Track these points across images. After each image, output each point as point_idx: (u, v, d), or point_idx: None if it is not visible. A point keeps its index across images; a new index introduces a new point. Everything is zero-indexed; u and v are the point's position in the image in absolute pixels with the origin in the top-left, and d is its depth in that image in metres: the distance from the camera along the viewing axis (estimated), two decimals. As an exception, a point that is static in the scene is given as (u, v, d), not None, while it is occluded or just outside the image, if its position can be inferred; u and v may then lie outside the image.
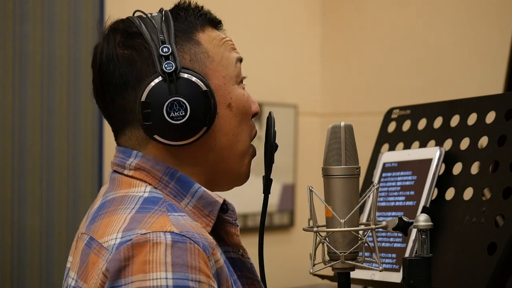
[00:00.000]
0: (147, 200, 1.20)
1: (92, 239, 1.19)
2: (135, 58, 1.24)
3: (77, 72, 2.63)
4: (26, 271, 2.49)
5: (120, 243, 1.12)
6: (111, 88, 1.25)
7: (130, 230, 1.13)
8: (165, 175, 1.24)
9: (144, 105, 1.21)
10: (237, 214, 1.30)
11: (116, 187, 1.26)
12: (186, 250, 1.11)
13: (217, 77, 1.27)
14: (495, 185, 1.34)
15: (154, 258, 1.10)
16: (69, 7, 2.63)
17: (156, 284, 1.08)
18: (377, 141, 1.67)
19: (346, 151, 1.21)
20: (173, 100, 1.21)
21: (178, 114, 1.21)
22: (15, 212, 2.47)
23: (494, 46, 3.24)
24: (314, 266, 1.22)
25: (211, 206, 1.25)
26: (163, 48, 1.22)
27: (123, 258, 1.10)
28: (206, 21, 1.30)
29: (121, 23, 1.28)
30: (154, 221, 1.14)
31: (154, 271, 1.09)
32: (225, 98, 1.27)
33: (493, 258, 1.27)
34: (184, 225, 1.15)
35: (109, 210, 1.21)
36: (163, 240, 1.11)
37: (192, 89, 1.22)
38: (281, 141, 1.53)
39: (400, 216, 1.25)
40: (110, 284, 1.10)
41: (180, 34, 1.26)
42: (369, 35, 3.71)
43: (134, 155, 1.26)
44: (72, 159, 2.62)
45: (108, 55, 1.26)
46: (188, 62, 1.25)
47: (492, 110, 1.42)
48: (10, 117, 2.48)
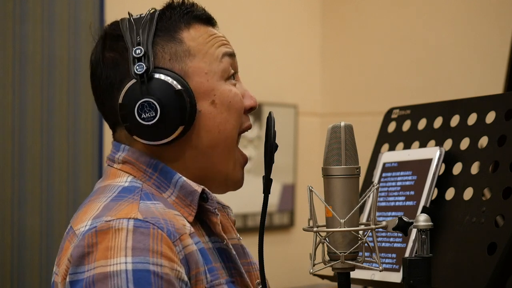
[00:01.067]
0: (124, 189, 1.23)
1: (70, 227, 1.22)
2: (118, 61, 1.26)
3: (77, 72, 2.63)
4: (26, 271, 2.49)
5: (86, 230, 1.15)
6: (100, 91, 1.29)
7: (98, 217, 1.16)
8: (148, 167, 1.27)
9: (120, 107, 1.24)
10: (232, 212, 1.30)
11: (105, 179, 1.29)
12: (149, 235, 1.13)
13: (198, 75, 1.27)
14: (495, 185, 1.34)
15: (116, 244, 1.12)
16: (69, 7, 2.63)
17: (116, 269, 1.10)
18: (377, 141, 1.67)
19: (346, 151, 1.21)
20: (144, 101, 1.22)
21: (149, 115, 1.22)
22: (15, 212, 2.47)
23: (494, 46, 3.24)
24: (314, 266, 1.22)
25: (191, 196, 1.26)
26: (136, 50, 1.23)
27: (86, 245, 1.13)
28: (192, 19, 1.30)
29: (109, 26, 1.31)
30: (122, 209, 1.17)
31: (115, 256, 1.11)
32: (208, 95, 1.27)
33: (493, 258, 1.27)
34: (152, 212, 1.17)
35: (91, 199, 1.25)
36: (125, 226, 1.13)
37: (164, 89, 1.23)
38: (281, 141, 1.53)
39: (400, 216, 1.25)
40: (73, 269, 1.13)
41: (162, 33, 1.27)
42: (369, 35, 3.71)
43: (122, 149, 1.29)
44: (72, 159, 2.62)
45: (96, 59, 1.29)
46: (168, 62, 1.26)
47: (492, 110, 1.42)
48: (10, 117, 2.47)
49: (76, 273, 1.13)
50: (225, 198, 1.40)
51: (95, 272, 1.11)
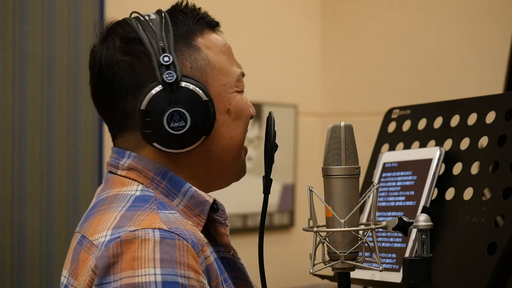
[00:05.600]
0: (138, 198, 1.21)
1: (83, 237, 1.20)
2: (136, 65, 1.24)
3: (77, 72, 2.63)
4: (26, 271, 2.49)
5: (109, 240, 1.13)
6: (111, 94, 1.26)
7: (119, 227, 1.15)
8: (156, 175, 1.25)
9: (144, 113, 1.21)
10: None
11: (110, 187, 1.27)
12: (175, 246, 1.12)
13: (217, 85, 1.27)
14: (495, 185, 1.34)
15: (143, 254, 1.11)
16: (69, 7, 2.63)
17: (145, 280, 1.09)
18: (377, 141, 1.67)
19: (346, 151, 1.21)
20: (174, 110, 1.21)
21: (179, 124, 1.21)
22: (15, 212, 2.47)
23: (494, 46, 3.24)
24: (314, 266, 1.22)
25: (202, 206, 1.25)
26: (164, 57, 1.21)
27: (112, 255, 1.11)
28: (204, 25, 1.29)
29: (119, 26, 1.28)
30: (143, 219, 1.15)
31: (143, 267, 1.10)
32: (225, 104, 1.27)
33: (493, 258, 1.27)
34: (174, 222, 1.16)
35: (101, 208, 1.23)
36: (152, 236, 1.12)
37: (192, 99, 1.22)
38: (281, 141, 1.53)
39: (400, 216, 1.25)
40: (99, 280, 1.11)
41: (179, 39, 1.25)
42: (369, 35, 3.71)
43: (127, 156, 1.27)
44: (72, 159, 2.62)
45: (108, 60, 1.25)
46: (189, 70, 1.25)
47: (492, 110, 1.42)
48: (10, 117, 2.48)
49: (102, 284, 1.11)
50: (225, 198, 1.40)
51: (122, 283, 1.09)
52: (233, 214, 3.26)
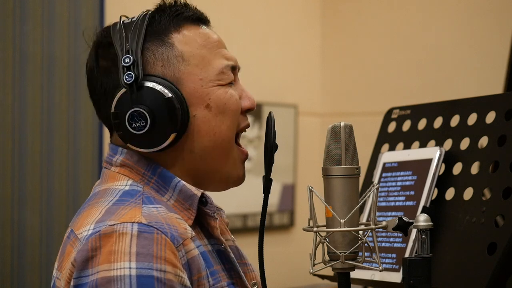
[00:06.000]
0: (125, 193, 1.23)
1: (72, 231, 1.21)
2: (111, 69, 1.26)
3: (77, 72, 2.63)
4: (26, 271, 2.49)
5: (90, 234, 1.15)
6: (96, 97, 1.29)
7: (101, 221, 1.16)
8: (147, 171, 1.26)
9: (113, 115, 1.24)
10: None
11: (103, 182, 1.29)
12: (152, 240, 1.13)
13: (192, 80, 1.26)
14: (495, 185, 1.34)
15: (119, 248, 1.12)
16: (69, 7, 2.63)
17: (120, 274, 1.10)
18: (377, 141, 1.67)
19: (346, 151, 1.21)
20: (134, 111, 1.22)
21: (140, 124, 1.22)
22: (15, 212, 2.47)
23: (494, 46, 3.24)
24: (314, 266, 1.22)
25: (191, 200, 1.26)
26: (125, 59, 1.23)
27: (90, 249, 1.13)
28: (182, 20, 1.28)
29: (100, 33, 1.31)
30: (125, 213, 1.16)
31: (119, 261, 1.11)
32: (203, 99, 1.26)
33: (493, 258, 1.27)
34: (156, 216, 1.17)
35: (91, 203, 1.24)
36: (129, 230, 1.13)
37: (154, 97, 1.22)
38: (281, 141, 1.53)
39: (400, 216, 1.25)
40: (78, 273, 1.13)
41: (152, 38, 1.26)
42: (369, 35, 3.71)
43: (120, 152, 1.28)
44: (72, 159, 2.62)
45: (90, 66, 1.30)
46: (160, 68, 1.25)
47: (492, 110, 1.42)
48: (10, 117, 2.47)
49: (80, 277, 1.12)
50: (225, 198, 1.40)
51: (98, 277, 1.10)
52: (233, 214, 3.26)
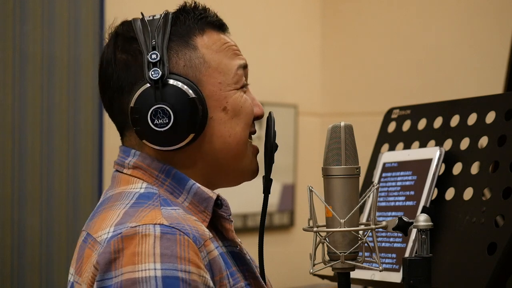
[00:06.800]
0: (142, 196, 1.22)
1: (88, 235, 1.21)
2: (130, 63, 1.25)
3: (77, 72, 2.63)
4: (26, 271, 2.49)
5: (111, 237, 1.14)
6: (110, 91, 1.28)
7: (121, 224, 1.16)
8: (161, 173, 1.26)
9: (132, 110, 1.23)
10: (231, 211, 1.31)
11: (116, 185, 1.28)
12: (175, 241, 1.13)
13: (212, 83, 1.27)
14: (495, 185, 1.34)
15: (143, 249, 1.11)
16: (69, 7, 2.63)
17: (145, 275, 1.10)
18: (377, 141, 1.67)
19: (346, 151, 1.21)
20: (157, 107, 1.22)
21: (162, 121, 1.22)
22: (15, 212, 2.47)
23: (494, 46, 3.24)
24: (314, 266, 1.22)
25: (206, 202, 1.26)
26: (151, 55, 1.23)
27: (113, 251, 1.12)
28: (206, 24, 1.30)
29: (122, 26, 1.30)
30: (145, 215, 1.16)
31: (143, 262, 1.10)
32: (221, 102, 1.27)
33: (493, 258, 1.27)
34: (176, 218, 1.17)
35: (106, 206, 1.24)
36: (152, 232, 1.13)
37: (178, 96, 1.23)
38: (281, 141, 1.53)
39: (400, 216, 1.25)
40: (101, 276, 1.12)
41: (176, 38, 1.26)
42: (369, 35, 3.71)
43: (133, 154, 1.28)
44: (72, 159, 2.62)
45: (108, 58, 1.28)
46: (182, 68, 1.25)
47: (492, 110, 1.42)
48: (10, 117, 2.47)
49: (104, 279, 1.12)
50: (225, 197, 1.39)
51: (122, 278, 1.10)
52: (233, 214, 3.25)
